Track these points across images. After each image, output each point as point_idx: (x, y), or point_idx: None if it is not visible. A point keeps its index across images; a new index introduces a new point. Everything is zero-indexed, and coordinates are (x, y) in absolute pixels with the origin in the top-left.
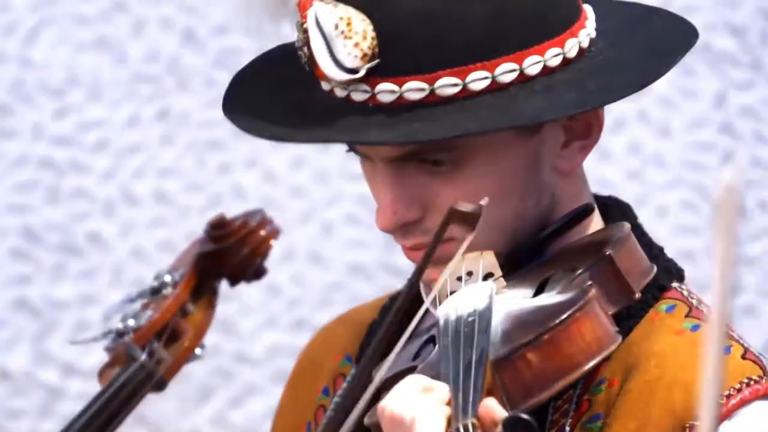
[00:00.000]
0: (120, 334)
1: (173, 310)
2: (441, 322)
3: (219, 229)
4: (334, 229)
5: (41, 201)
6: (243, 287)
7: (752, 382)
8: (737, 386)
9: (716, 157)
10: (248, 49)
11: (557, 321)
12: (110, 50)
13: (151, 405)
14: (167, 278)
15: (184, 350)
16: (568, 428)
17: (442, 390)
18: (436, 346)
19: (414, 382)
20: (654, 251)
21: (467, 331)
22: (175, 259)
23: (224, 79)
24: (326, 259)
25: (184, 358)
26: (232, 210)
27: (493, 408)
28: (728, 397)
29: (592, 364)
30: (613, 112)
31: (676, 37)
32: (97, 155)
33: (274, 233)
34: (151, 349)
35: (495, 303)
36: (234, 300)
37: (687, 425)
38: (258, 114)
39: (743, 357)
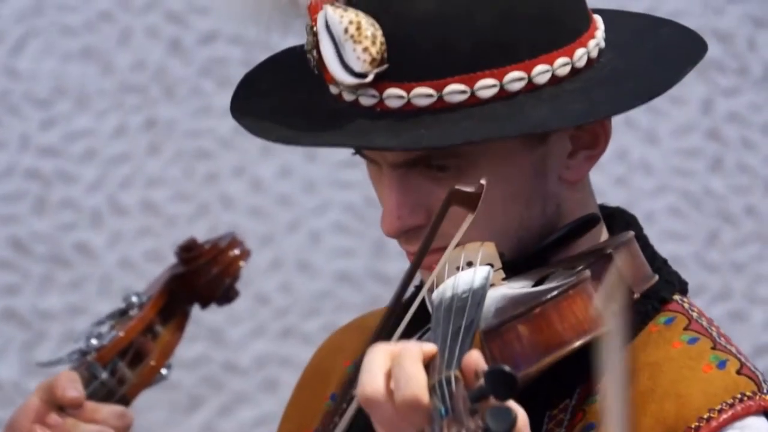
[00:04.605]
0: (83, 353)
1: (138, 329)
2: (436, 300)
3: (189, 251)
4: (322, 237)
5: (28, 212)
6: None
7: (745, 398)
8: (730, 401)
9: (703, 163)
10: (235, 58)
11: (549, 296)
12: (97, 60)
13: (141, 414)
14: (134, 299)
15: (148, 370)
16: None
17: (414, 346)
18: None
19: (375, 352)
20: (657, 263)
21: (459, 305)
22: (148, 284)
23: (211, 88)
24: (314, 267)
25: (148, 377)
26: (221, 219)
27: (477, 359)
28: (720, 411)
29: (580, 342)
30: None
31: (684, 49)
32: (84, 165)
33: (244, 254)
34: (114, 368)
35: (492, 289)
36: (222, 309)
37: None
38: (265, 116)
39: (738, 372)
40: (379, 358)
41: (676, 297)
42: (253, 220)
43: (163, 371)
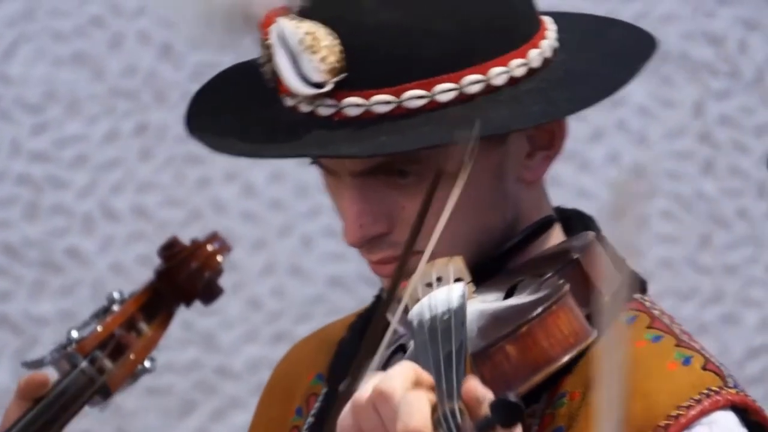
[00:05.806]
0: (64, 346)
1: (117, 322)
2: (415, 323)
3: (170, 249)
4: (314, 242)
5: (20, 217)
6: (223, 300)
7: (712, 393)
8: (697, 397)
9: (695, 166)
10: (226, 63)
11: (534, 314)
12: (87, 65)
13: (134, 419)
14: (116, 296)
15: (129, 362)
16: None
17: (426, 378)
18: (408, 350)
19: (405, 367)
20: (616, 263)
21: (444, 327)
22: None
23: None
24: (306, 272)
25: (129, 370)
26: (212, 224)
27: (476, 387)
28: (688, 408)
29: (569, 356)
30: (591, 122)
31: (637, 46)
32: (75, 171)
33: (223, 249)
34: (94, 358)
35: (468, 304)
36: (215, 314)
37: None
38: (222, 131)
39: (704, 368)
40: (406, 371)
41: (637, 296)
42: (245, 225)
43: (146, 364)
